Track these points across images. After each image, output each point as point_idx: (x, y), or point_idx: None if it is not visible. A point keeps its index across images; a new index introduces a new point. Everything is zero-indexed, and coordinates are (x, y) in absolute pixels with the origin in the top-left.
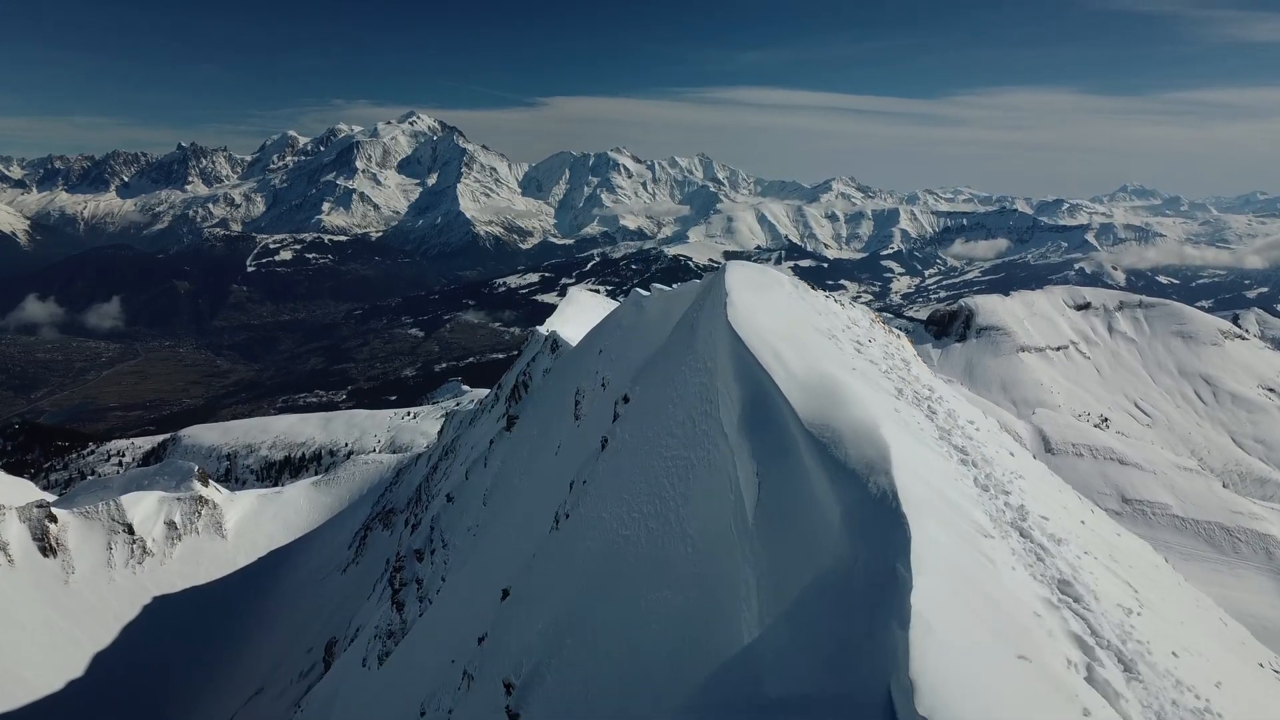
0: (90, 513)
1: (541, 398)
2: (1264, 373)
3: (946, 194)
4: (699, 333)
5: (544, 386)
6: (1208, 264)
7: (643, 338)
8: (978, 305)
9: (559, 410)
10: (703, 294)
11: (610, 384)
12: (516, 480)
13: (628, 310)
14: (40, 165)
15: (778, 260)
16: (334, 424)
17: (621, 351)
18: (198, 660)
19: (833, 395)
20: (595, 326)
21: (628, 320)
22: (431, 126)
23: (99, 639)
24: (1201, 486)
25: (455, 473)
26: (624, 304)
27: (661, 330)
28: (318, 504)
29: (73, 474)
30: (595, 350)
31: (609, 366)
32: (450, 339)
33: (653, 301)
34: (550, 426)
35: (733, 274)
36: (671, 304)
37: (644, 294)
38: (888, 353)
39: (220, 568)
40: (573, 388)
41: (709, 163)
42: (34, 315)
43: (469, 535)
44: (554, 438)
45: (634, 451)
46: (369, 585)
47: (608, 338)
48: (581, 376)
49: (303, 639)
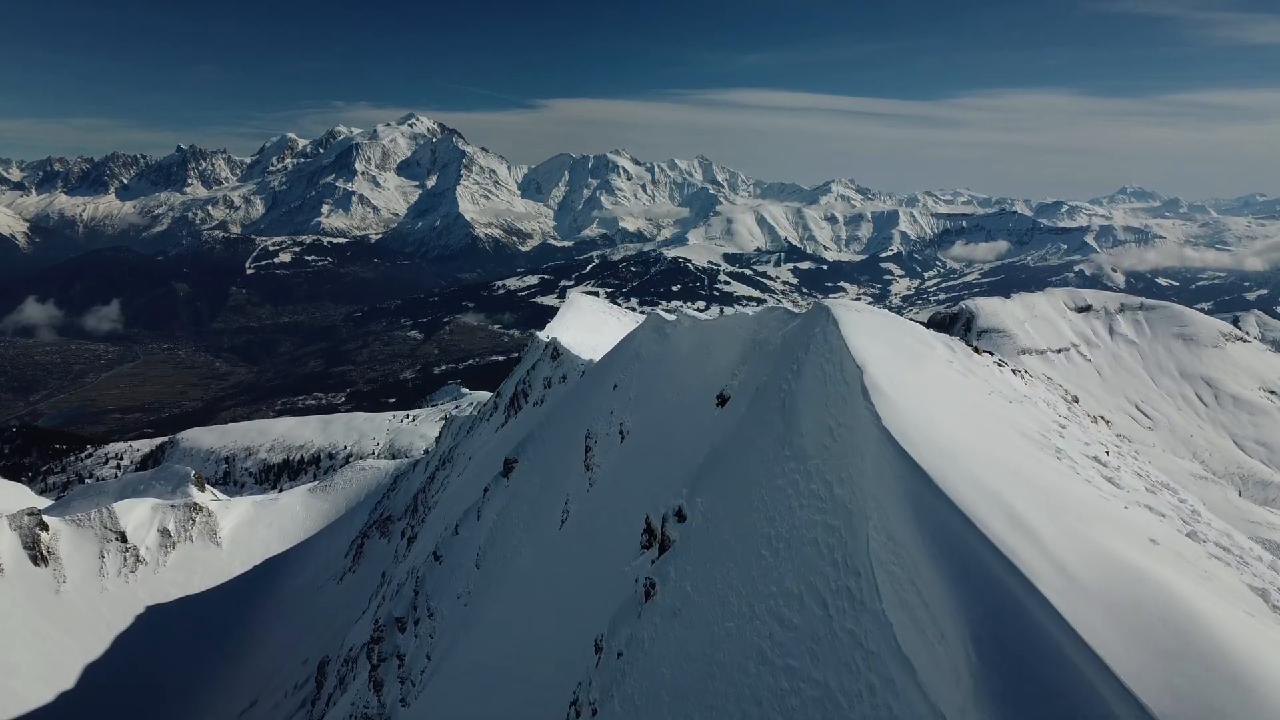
0: (82, 520)
1: (545, 437)
2: (1265, 375)
3: (946, 196)
4: (804, 424)
5: (548, 423)
6: (1207, 266)
7: (671, 377)
8: (978, 308)
9: (566, 456)
10: (794, 350)
11: (630, 433)
12: (515, 540)
13: (647, 337)
14: (39, 167)
15: (777, 262)
16: (333, 427)
17: (643, 390)
18: (191, 671)
19: (1174, 626)
20: (609, 354)
21: (648, 350)
22: (431, 128)
23: (90, 649)
24: (1218, 496)
25: (434, 522)
26: (642, 328)
27: (696, 372)
28: (314, 511)
29: (70, 477)
30: (609, 384)
31: (627, 408)
32: (449, 341)
33: (681, 331)
34: (555, 476)
35: (853, 327)
36: (710, 340)
37: (667, 318)
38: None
39: (215, 576)
40: (582, 429)
41: (708, 165)
42: (33, 317)
43: (459, 604)
44: (559, 491)
45: (708, 629)
46: (365, 596)
47: (624, 369)
48: (592, 416)
49: (298, 650)
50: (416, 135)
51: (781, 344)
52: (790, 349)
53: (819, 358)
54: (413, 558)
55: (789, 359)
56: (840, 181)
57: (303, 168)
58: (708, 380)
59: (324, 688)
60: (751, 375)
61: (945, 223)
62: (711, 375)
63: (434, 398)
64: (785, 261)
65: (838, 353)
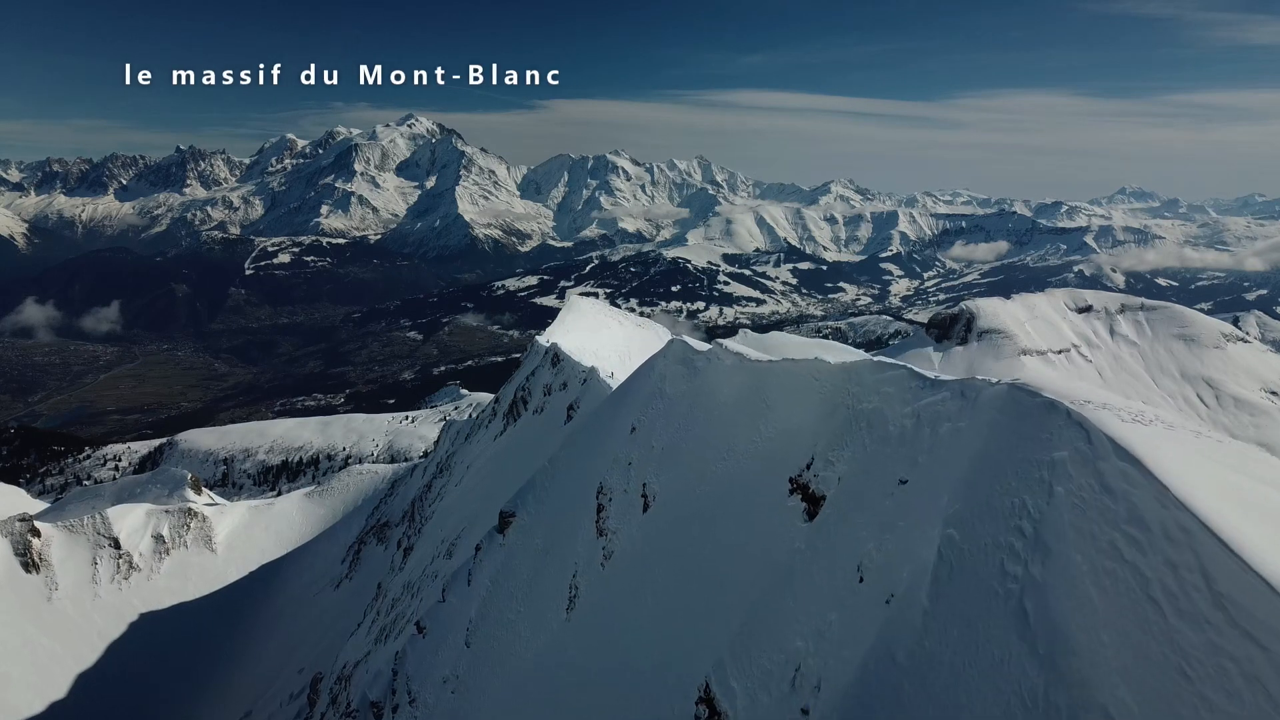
0: (75, 527)
1: (548, 485)
2: (1266, 376)
3: (945, 196)
4: None
5: (552, 468)
6: (1207, 266)
7: (709, 430)
8: (979, 308)
9: (573, 512)
10: (1018, 464)
11: (657, 500)
12: (512, 615)
13: (672, 370)
14: (38, 168)
15: (777, 263)
16: (332, 428)
17: (671, 442)
18: (185, 680)
19: None
20: (623, 386)
21: (674, 387)
22: (430, 129)
23: (83, 658)
24: None
25: (430, 534)
26: (665, 358)
27: (748, 432)
28: (311, 516)
29: (68, 478)
30: (624, 424)
31: (649, 462)
32: (449, 342)
33: (719, 369)
34: (560, 537)
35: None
36: (766, 389)
37: (696, 346)
38: None
39: (209, 583)
40: (592, 480)
41: (708, 165)
42: (31, 318)
43: (446, 690)
44: (566, 559)
45: None
46: (361, 605)
47: (644, 409)
48: (605, 464)
49: (294, 659)
50: (416, 136)
51: (916, 426)
52: (962, 442)
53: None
54: (397, 639)
55: (992, 471)
56: (839, 182)
57: (302, 168)
58: (769, 448)
59: (316, 706)
60: (862, 466)
61: (945, 223)
62: (774, 442)
63: (433, 399)
64: (785, 262)
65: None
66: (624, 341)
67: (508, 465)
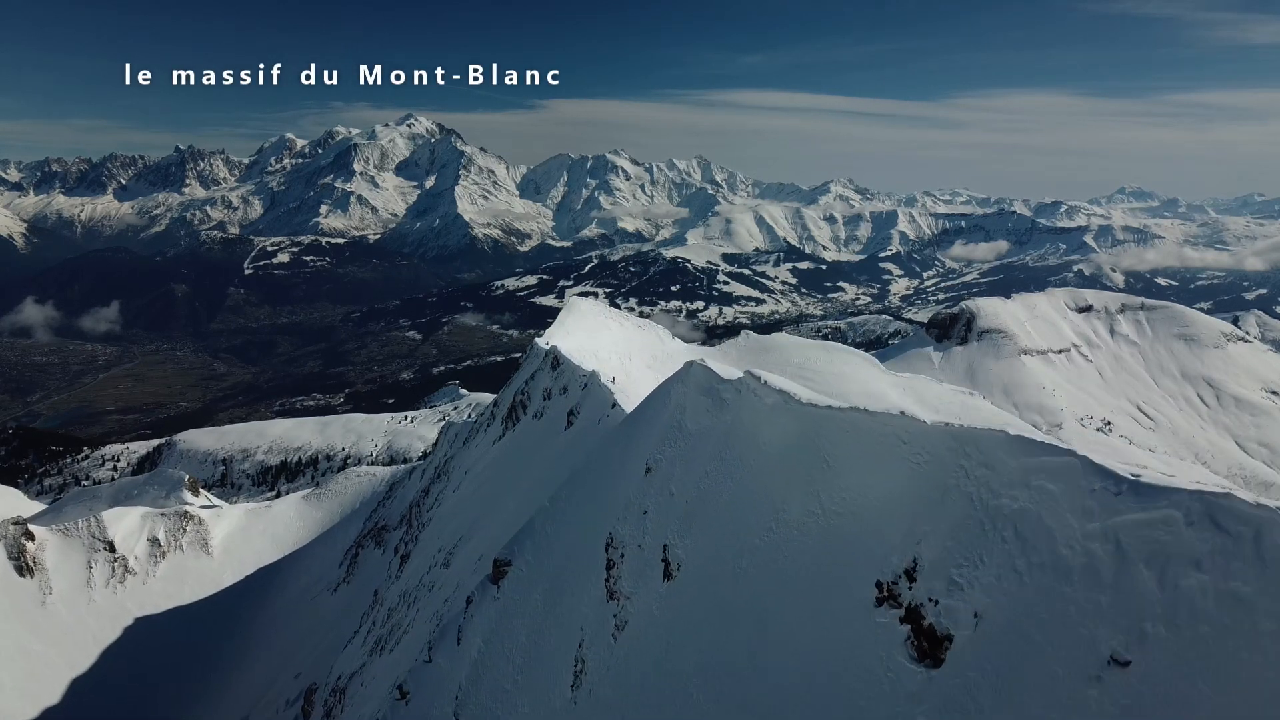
0: (70, 530)
1: (549, 530)
2: (1267, 376)
3: (945, 196)
4: None
5: (554, 510)
6: (1207, 266)
7: (747, 483)
8: (979, 308)
9: (578, 565)
10: None
11: (683, 570)
12: (508, 685)
13: (695, 402)
14: (37, 168)
15: (776, 262)
16: (331, 429)
17: (698, 493)
18: (180, 685)
19: None
20: (635, 414)
21: (697, 422)
22: (429, 129)
23: (77, 663)
24: None
25: (428, 541)
26: (683, 383)
27: (803, 495)
28: (308, 519)
29: (66, 479)
30: (638, 461)
31: (671, 517)
32: (448, 342)
33: (756, 408)
34: (563, 595)
35: None
36: (826, 444)
37: (722, 374)
38: None
39: (205, 587)
40: (601, 528)
41: (707, 165)
42: (30, 318)
43: None
44: (570, 624)
45: None
46: (358, 611)
47: (661, 446)
48: (616, 510)
49: (290, 664)
50: (415, 135)
51: (1119, 561)
52: (1237, 618)
53: None
54: (378, 706)
55: None
56: (839, 181)
57: (301, 168)
58: (837, 527)
59: (310, 718)
60: (1021, 605)
61: (944, 223)
62: (844, 521)
63: (433, 399)
64: (784, 262)
65: None
66: (624, 343)
67: (506, 472)
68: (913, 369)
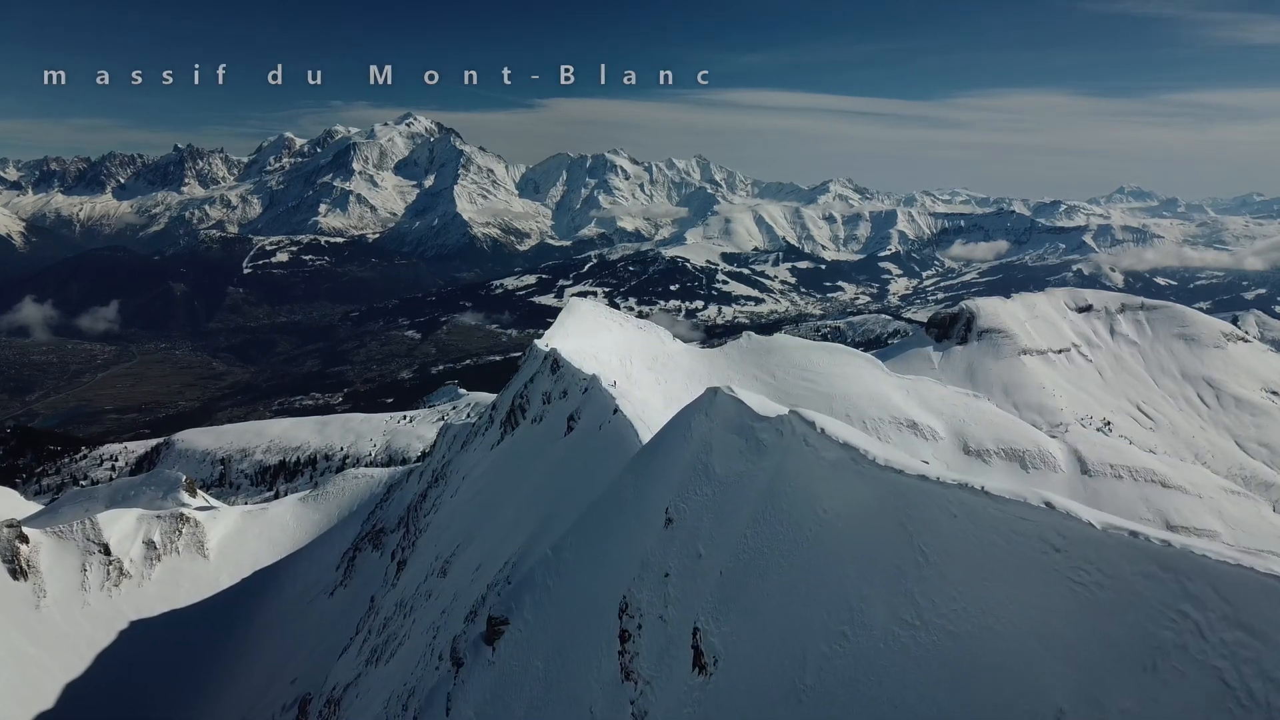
0: (64, 532)
1: (551, 584)
2: (1267, 376)
3: (944, 195)
4: None
5: (558, 559)
6: (1206, 265)
7: (795, 558)
8: (979, 308)
9: (586, 631)
10: None
11: (719, 659)
12: None
13: (722, 440)
14: (36, 167)
15: (775, 262)
16: (329, 428)
17: (727, 556)
18: (176, 689)
19: None
20: (649, 448)
21: (726, 466)
22: (429, 128)
23: (71, 667)
24: (1251, 511)
25: (425, 548)
26: (708, 418)
27: (883, 593)
28: (305, 521)
29: (65, 479)
30: (658, 512)
31: (696, 582)
32: (447, 341)
33: (810, 462)
34: (568, 666)
35: None
36: (912, 521)
37: (755, 408)
38: None
39: (201, 590)
40: (614, 590)
41: (706, 164)
42: (29, 317)
43: None
44: (577, 705)
45: None
46: (355, 616)
47: (683, 492)
48: (632, 570)
49: (287, 668)
50: (414, 135)
51: None
52: None
53: None
54: None
55: None
56: (838, 181)
57: (300, 167)
58: (952, 653)
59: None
60: None
61: (943, 222)
62: (964, 644)
63: (432, 399)
64: (783, 261)
65: None
66: (624, 345)
67: (504, 478)
68: (912, 369)
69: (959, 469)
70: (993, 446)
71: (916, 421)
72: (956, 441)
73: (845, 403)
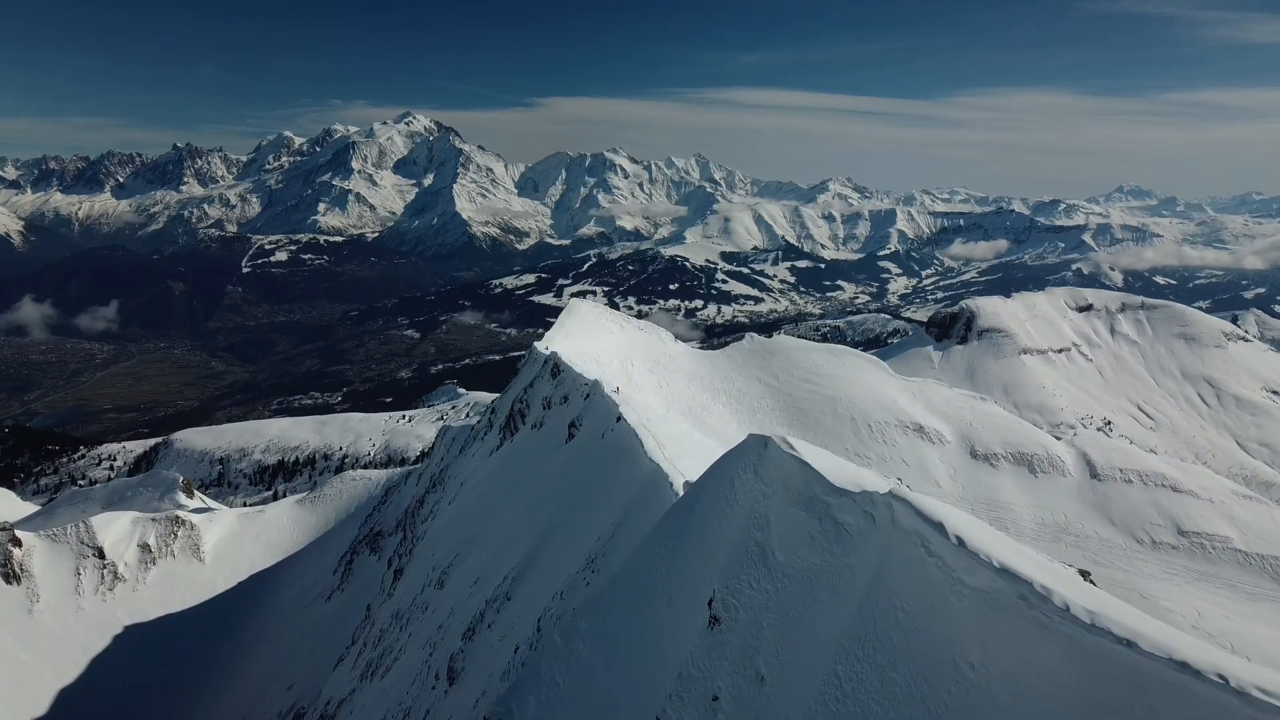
0: (58, 536)
1: (565, 692)
2: (1267, 375)
3: (943, 195)
4: None
5: (568, 647)
6: (1205, 265)
7: (898, 692)
8: (979, 307)
9: None
10: None
11: None
12: None
13: (779, 512)
14: (35, 166)
15: (775, 261)
16: (328, 428)
17: (805, 691)
18: (171, 695)
19: None
20: (684, 506)
21: (789, 552)
22: (428, 127)
23: (65, 673)
24: (1263, 515)
25: (422, 555)
26: (760, 479)
27: None
28: (302, 524)
29: (63, 478)
30: (700, 605)
31: (755, 708)
32: (446, 340)
33: (943, 586)
34: None
35: None
36: (1129, 694)
37: (823, 473)
38: None
39: (197, 593)
40: (642, 710)
41: (706, 164)
42: (28, 317)
43: None
44: None
45: None
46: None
47: (731, 584)
48: (667, 686)
49: (283, 674)
50: (413, 134)
51: None
52: None
53: None
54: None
55: None
56: (838, 180)
57: (299, 166)
58: None
59: None
60: None
61: (943, 221)
62: None
63: (431, 398)
64: (783, 260)
65: None
66: (625, 347)
67: (504, 486)
68: (913, 369)
69: (966, 473)
70: (1000, 450)
71: (923, 425)
72: (963, 445)
73: (850, 406)
